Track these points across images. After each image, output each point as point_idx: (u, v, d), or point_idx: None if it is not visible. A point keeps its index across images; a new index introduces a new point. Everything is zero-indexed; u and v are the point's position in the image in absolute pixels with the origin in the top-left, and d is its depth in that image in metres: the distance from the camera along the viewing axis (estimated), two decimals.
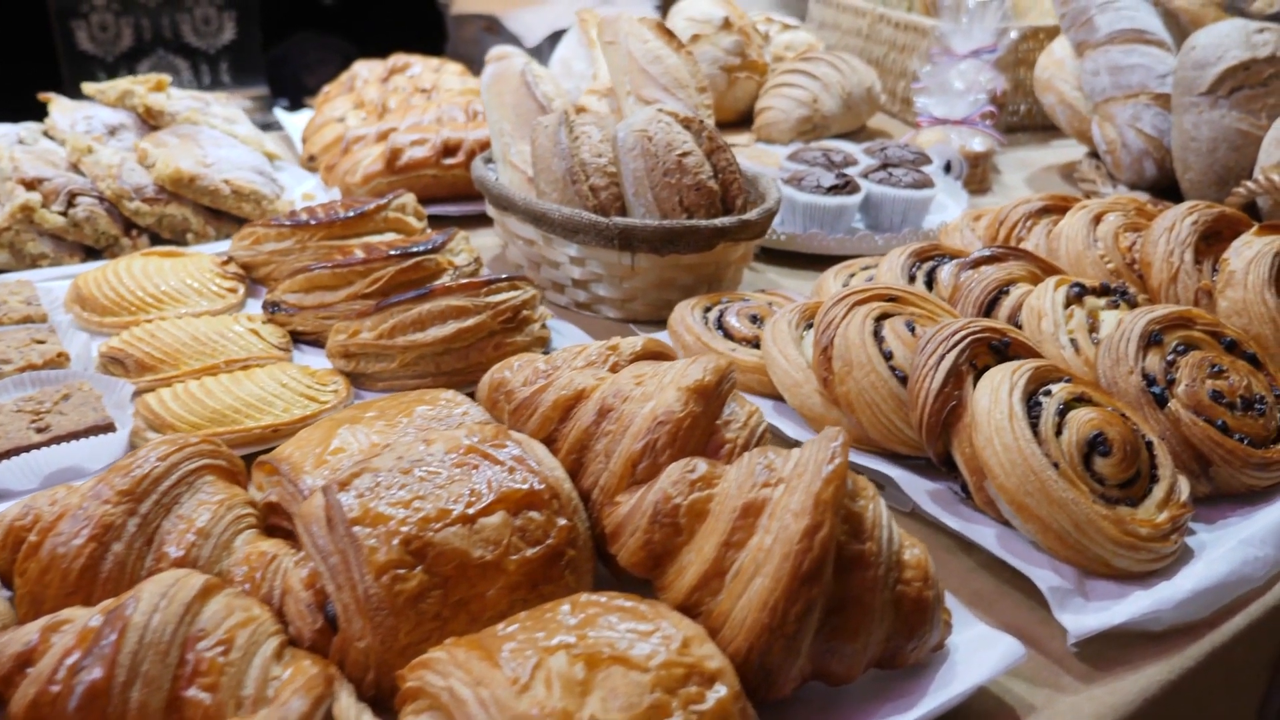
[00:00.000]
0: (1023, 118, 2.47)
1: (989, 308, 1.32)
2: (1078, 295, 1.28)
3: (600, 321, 1.52)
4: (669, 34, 1.70)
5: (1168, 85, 1.88)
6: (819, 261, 1.73)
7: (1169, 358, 1.18)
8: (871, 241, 1.72)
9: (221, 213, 1.72)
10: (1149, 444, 1.08)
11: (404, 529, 0.83)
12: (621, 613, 0.79)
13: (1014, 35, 2.17)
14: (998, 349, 1.13)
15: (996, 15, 2.17)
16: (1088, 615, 0.95)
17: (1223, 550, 1.04)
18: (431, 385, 1.27)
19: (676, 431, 0.93)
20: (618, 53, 1.67)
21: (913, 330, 1.17)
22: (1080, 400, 1.07)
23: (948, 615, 0.90)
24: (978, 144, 2.09)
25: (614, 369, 1.09)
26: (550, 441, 1.01)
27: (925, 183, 1.79)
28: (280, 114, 2.27)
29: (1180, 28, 2.03)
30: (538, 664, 0.72)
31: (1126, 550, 0.98)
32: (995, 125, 2.24)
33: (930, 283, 1.42)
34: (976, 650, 0.89)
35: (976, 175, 2.09)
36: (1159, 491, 1.05)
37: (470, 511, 0.86)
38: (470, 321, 1.26)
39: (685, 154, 1.46)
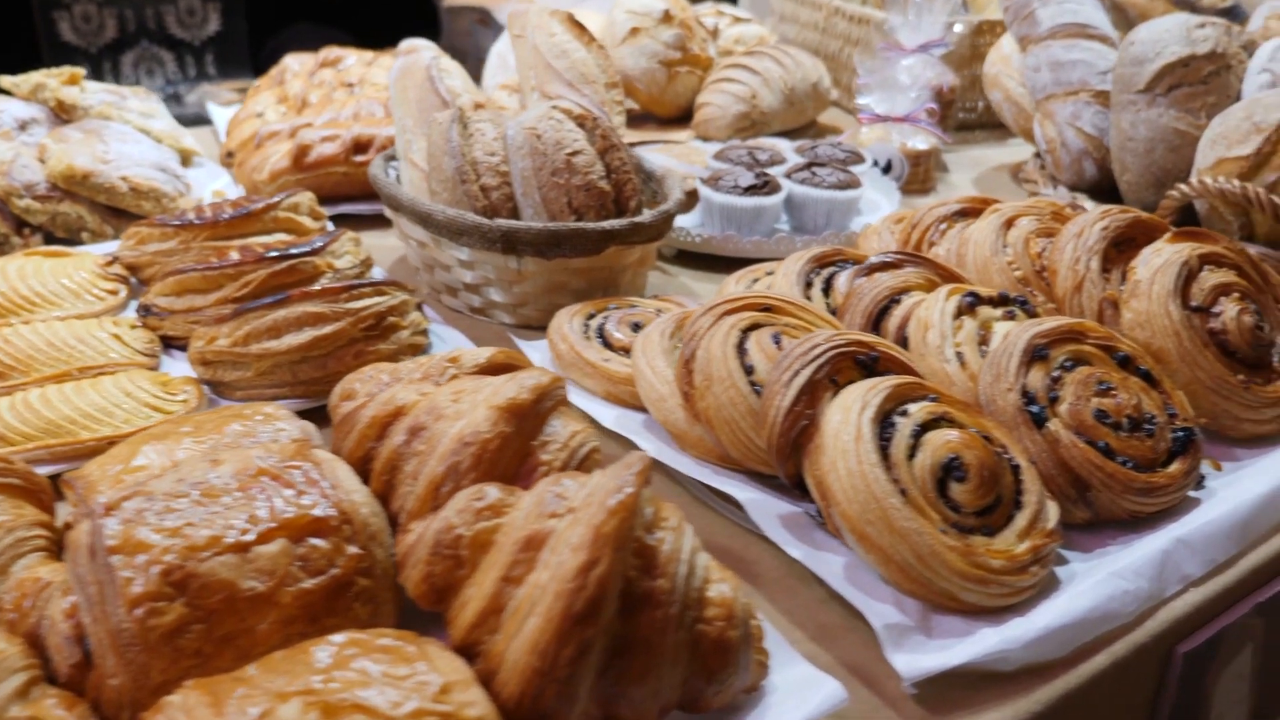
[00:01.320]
0: (980, 115, 2.39)
1: (879, 318, 1.25)
2: (970, 305, 1.21)
3: (495, 328, 1.47)
4: (580, 27, 1.64)
5: (1109, 82, 1.80)
6: (738, 265, 1.66)
7: (1054, 374, 1.11)
8: (790, 244, 1.66)
9: (123, 211, 1.67)
10: (1015, 468, 1.02)
11: (166, 558, 0.78)
12: (382, 654, 0.73)
13: (959, 29, 2.09)
14: (865, 364, 1.07)
15: (945, 8, 2.10)
16: (926, 655, 0.88)
17: (1090, 582, 0.97)
18: (289, 395, 1.22)
19: (482, 453, 0.87)
20: (524, 47, 1.61)
21: (779, 343, 1.11)
22: (941, 421, 1.00)
23: (764, 656, 0.84)
24: (920, 142, 2.02)
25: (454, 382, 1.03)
26: (367, 461, 0.95)
27: (851, 183, 1.72)
28: (212, 108, 2.23)
29: (1129, 23, 1.95)
30: (265, 713, 0.67)
31: (975, 584, 0.92)
32: (945, 122, 2.17)
33: (829, 290, 1.35)
34: (794, 692, 0.83)
35: (919, 175, 2.02)
36: (1021, 519, 0.98)
37: (246, 539, 0.81)
38: (328, 329, 1.21)
39: (575, 153, 1.40)
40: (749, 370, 1.09)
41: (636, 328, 1.29)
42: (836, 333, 1.07)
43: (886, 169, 2.01)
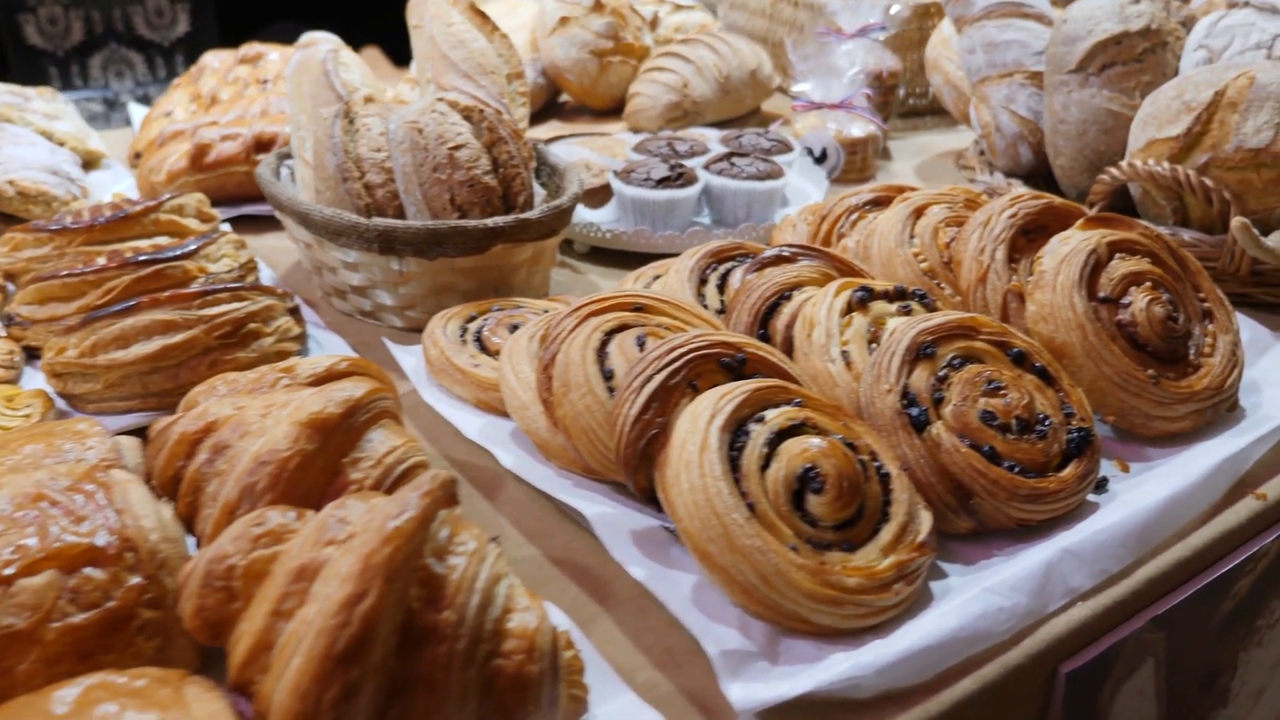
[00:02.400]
0: (931, 101, 2.31)
1: (767, 316, 1.18)
2: (861, 301, 1.14)
3: (385, 331, 1.40)
4: (482, 16, 1.57)
5: (1045, 63, 1.72)
6: (653, 260, 1.59)
7: (940, 373, 1.04)
8: (705, 237, 1.59)
9: (13, 216, 1.61)
10: (885, 476, 0.94)
11: None
12: (132, 697, 0.67)
13: (895, 10, 2.01)
14: (730, 367, 1.00)
15: None
16: (767, 684, 0.81)
17: (961, 600, 0.90)
18: (140, 408, 1.16)
19: (280, 473, 0.81)
20: (421, 37, 1.54)
21: (643, 346, 1.04)
22: (801, 427, 0.93)
23: (580, 690, 0.77)
24: (857, 129, 1.94)
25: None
26: (177, 482, 0.89)
27: (773, 173, 1.65)
28: (132, 107, 2.17)
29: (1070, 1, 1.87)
30: None
31: (827, 605, 0.85)
32: (888, 108, 2.09)
33: (725, 287, 1.28)
34: None
35: (856, 163, 1.94)
36: (887, 533, 0.91)
37: (9, 571, 0.74)
38: (178, 337, 1.14)
39: (458, 147, 1.33)
40: (608, 375, 1.02)
41: (516, 331, 1.22)
42: (698, 333, 1.00)
43: (821, 158, 1.93)
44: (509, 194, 1.36)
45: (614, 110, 2.13)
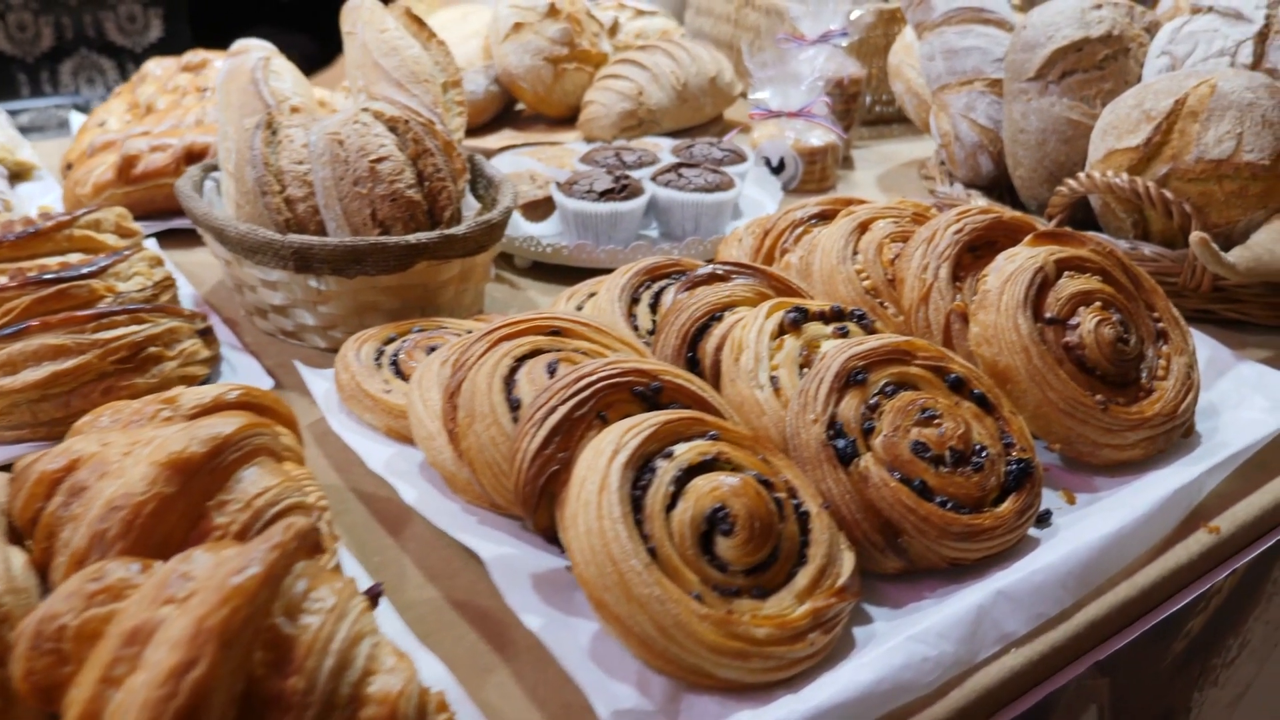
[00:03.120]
0: (897, 109, 2.25)
1: (696, 338, 1.11)
2: (794, 322, 1.07)
3: (307, 352, 1.34)
4: (419, 23, 1.51)
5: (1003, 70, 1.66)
6: (596, 276, 1.53)
7: (872, 401, 0.98)
8: (648, 252, 1.52)
9: None
10: (803, 515, 0.88)
11: None
12: None
13: (857, 15, 1.95)
14: (644, 396, 0.94)
15: None
16: None
17: (882, 649, 0.84)
18: (30, 438, 1.09)
19: (133, 519, 0.74)
20: (354, 44, 1.48)
21: (554, 373, 0.98)
22: (713, 463, 0.87)
23: None
24: (816, 139, 1.88)
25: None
26: (35, 524, 0.82)
27: (722, 185, 1.59)
28: (73, 116, 2.10)
29: (1034, 6, 1.81)
30: None
31: (733, 658, 0.79)
32: (851, 116, 2.03)
33: (657, 306, 1.22)
34: None
35: (815, 173, 1.88)
36: (804, 577, 0.85)
37: None
38: (69, 363, 1.08)
39: (380, 159, 1.27)
40: (516, 405, 0.96)
41: (433, 354, 1.16)
42: (610, 360, 0.94)
43: (779, 168, 1.87)
44: (435, 208, 1.30)
45: (570, 118, 2.08)
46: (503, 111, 2.11)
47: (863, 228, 1.28)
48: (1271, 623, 1.20)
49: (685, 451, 0.86)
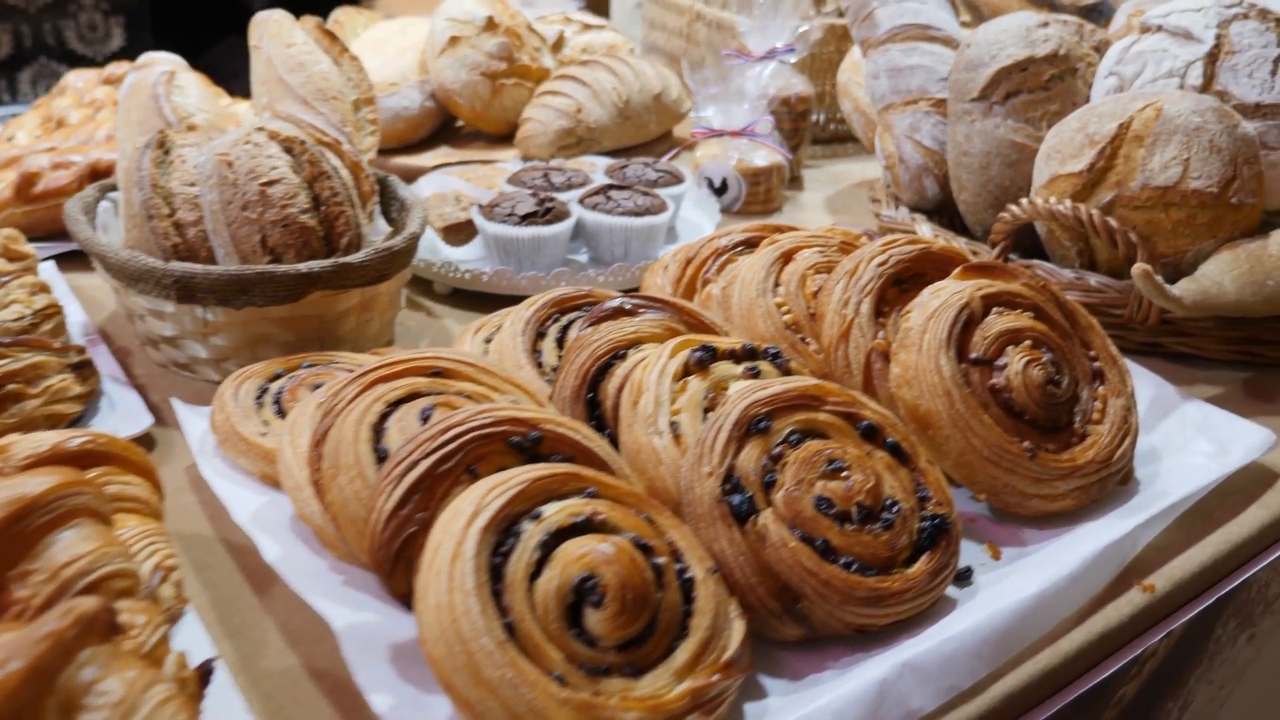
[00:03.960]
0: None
1: (598, 378, 1.04)
2: (701, 362, 1.00)
3: (199, 386, 1.25)
4: (330, 37, 1.44)
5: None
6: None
7: (775, 450, 0.90)
8: (571, 278, 1.45)
9: None
10: (687, 582, 0.80)
11: None
12: None
13: (805, 29, 1.88)
14: (522, 448, 0.86)
15: (794, 11, 1.89)
16: None
17: None
18: None
19: None
20: (260, 59, 1.40)
21: (428, 421, 0.90)
22: (586, 525, 0.79)
23: None
24: (760, 159, 1.81)
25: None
26: None
27: (653, 208, 1.51)
28: None
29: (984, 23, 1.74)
30: None
31: None
32: (800, 135, 1.96)
33: (565, 341, 1.15)
34: None
35: (759, 195, 1.81)
36: (684, 651, 0.77)
37: None
38: None
39: (271, 183, 1.19)
40: (383, 456, 0.88)
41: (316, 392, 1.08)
42: (483, 408, 0.86)
43: (722, 189, 1.80)
44: (331, 234, 1.22)
45: (510, 135, 2.00)
46: (441, 127, 2.04)
47: (786, 258, 1.20)
48: (1215, 682, 1.12)
49: (555, 512, 0.79)
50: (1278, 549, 1.08)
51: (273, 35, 1.41)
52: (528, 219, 1.45)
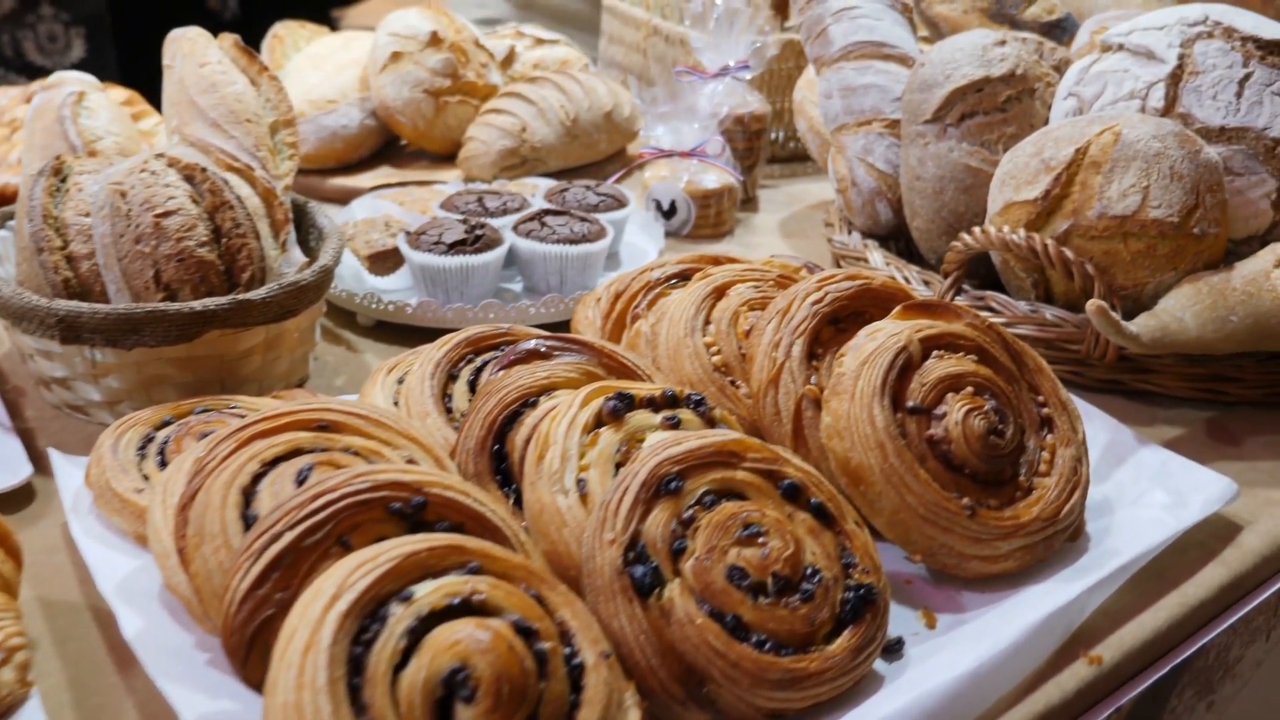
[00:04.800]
0: None
1: (505, 428, 0.96)
2: (615, 412, 0.92)
3: (93, 429, 1.17)
4: (249, 55, 1.36)
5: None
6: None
7: (687, 514, 0.83)
8: (500, 310, 1.37)
9: None
10: (576, 669, 0.72)
11: None
12: None
13: (760, 43, 1.81)
14: (403, 514, 0.78)
15: (750, 26, 1.82)
16: None
17: None
18: None
19: None
20: (171, 79, 1.32)
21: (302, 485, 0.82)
22: (464, 607, 0.71)
23: None
24: (711, 180, 1.73)
25: None
26: None
27: (591, 235, 1.44)
28: None
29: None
30: None
31: None
32: (755, 155, 1.89)
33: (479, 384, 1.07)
34: None
35: (710, 218, 1.74)
36: None
37: None
38: None
39: (167, 214, 1.11)
40: (252, 523, 0.80)
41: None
42: (359, 471, 0.78)
43: (671, 212, 1.73)
44: (233, 269, 1.14)
45: (455, 155, 1.92)
46: (384, 146, 1.96)
47: (719, 293, 1.13)
48: None
49: (429, 593, 0.71)
50: (1239, 609, 1.01)
51: (186, 54, 1.33)
52: (455, 247, 1.37)
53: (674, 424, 0.93)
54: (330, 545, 0.75)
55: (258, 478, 0.83)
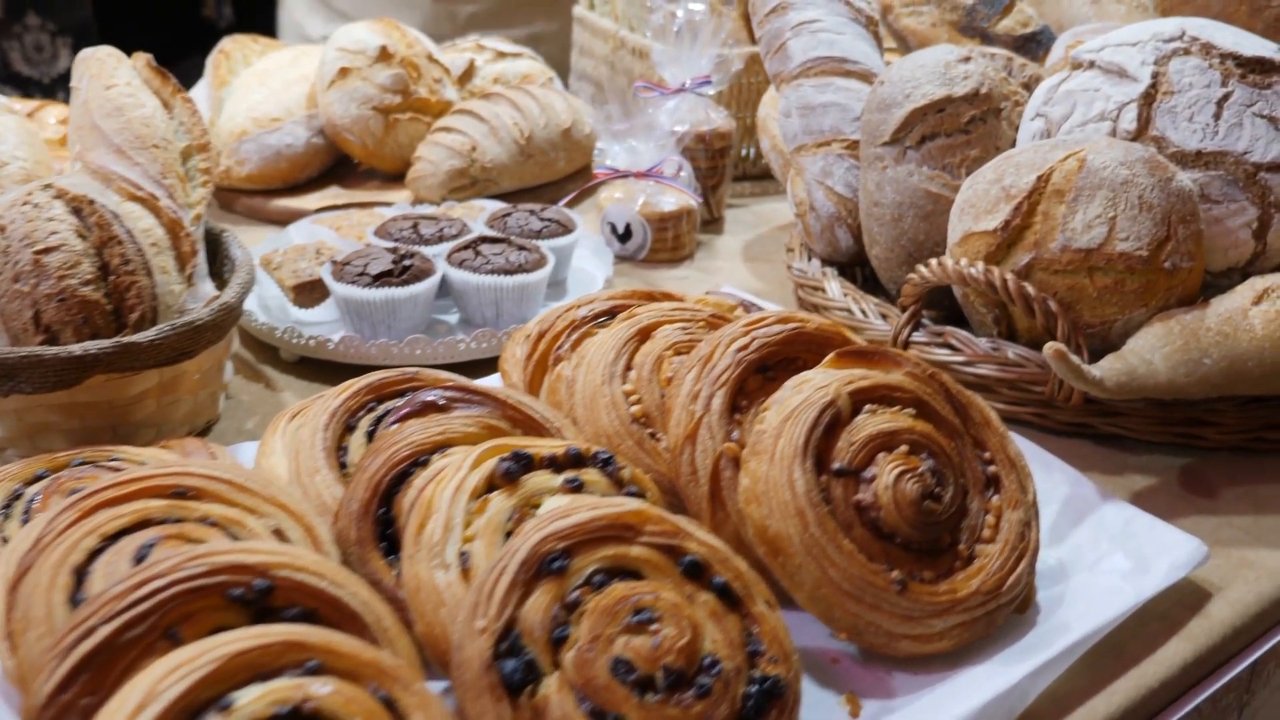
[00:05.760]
0: None
1: (393, 490, 0.88)
2: (509, 474, 0.84)
3: None
4: (162, 76, 1.29)
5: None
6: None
7: (572, 596, 0.74)
8: (429, 348, 1.28)
9: None
10: None
11: None
12: None
13: (720, 57, 1.72)
14: (246, 601, 0.70)
15: (715, 39, 1.73)
16: None
17: None
18: None
19: None
20: (76, 102, 1.25)
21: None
22: (293, 715, 0.62)
23: None
24: (668, 202, 1.65)
25: None
26: None
27: (529, 265, 1.35)
28: None
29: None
30: None
31: None
32: (718, 174, 1.80)
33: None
34: None
35: (667, 241, 1.65)
36: None
37: None
38: None
39: (48, 250, 1.03)
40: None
41: None
42: (195, 552, 0.70)
43: (626, 235, 1.64)
44: (121, 308, 1.06)
45: (403, 174, 1.84)
46: (335, 165, 1.88)
47: (643, 335, 1.05)
48: None
49: (253, 700, 0.62)
50: (1206, 689, 0.91)
51: (93, 75, 1.25)
52: (381, 279, 1.29)
53: (576, 487, 0.85)
54: (156, 639, 0.67)
55: (96, 553, 0.75)
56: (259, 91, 1.82)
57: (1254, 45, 1.21)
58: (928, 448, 0.89)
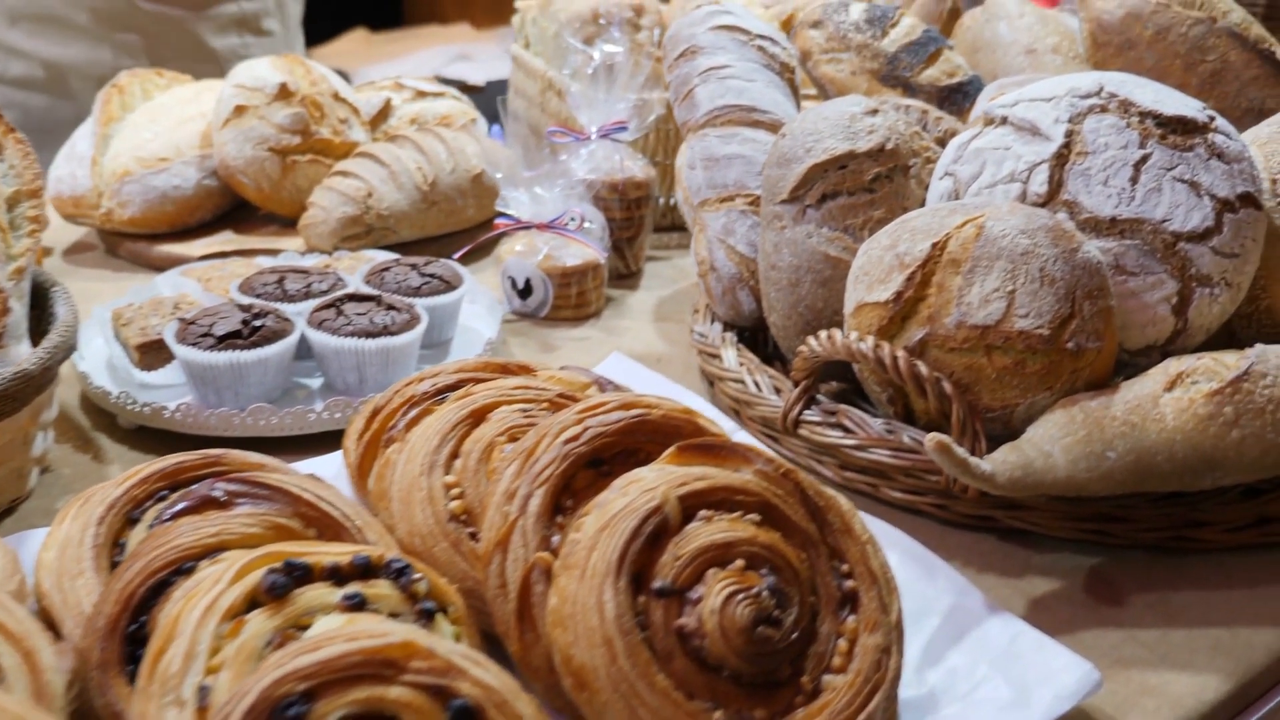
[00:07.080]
0: None
1: (149, 602, 0.76)
2: (276, 588, 0.72)
3: None
4: None
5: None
6: (225, 445, 1.17)
7: None
8: (275, 416, 1.17)
9: None
10: None
11: None
12: None
13: (638, 100, 1.61)
14: None
15: (632, 82, 1.63)
16: None
17: None
18: None
19: None
20: None
21: None
22: None
23: None
24: (572, 256, 1.54)
25: None
26: None
27: (396, 326, 1.24)
28: None
29: None
30: None
31: None
32: (634, 225, 1.69)
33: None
34: None
35: (570, 298, 1.54)
36: None
37: None
38: None
39: None
40: None
41: None
42: None
43: (527, 291, 1.53)
44: None
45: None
46: (232, 208, 1.78)
47: (476, 418, 0.93)
48: None
49: None
50: None
51: None
52: (226, 341, 1.18)
53: (356, 604, 0.74)
54: None
55: None
56: (148, 130, 1.71)
57: (1175, 103, 1.11)
58: (770, 562, 0.78)
